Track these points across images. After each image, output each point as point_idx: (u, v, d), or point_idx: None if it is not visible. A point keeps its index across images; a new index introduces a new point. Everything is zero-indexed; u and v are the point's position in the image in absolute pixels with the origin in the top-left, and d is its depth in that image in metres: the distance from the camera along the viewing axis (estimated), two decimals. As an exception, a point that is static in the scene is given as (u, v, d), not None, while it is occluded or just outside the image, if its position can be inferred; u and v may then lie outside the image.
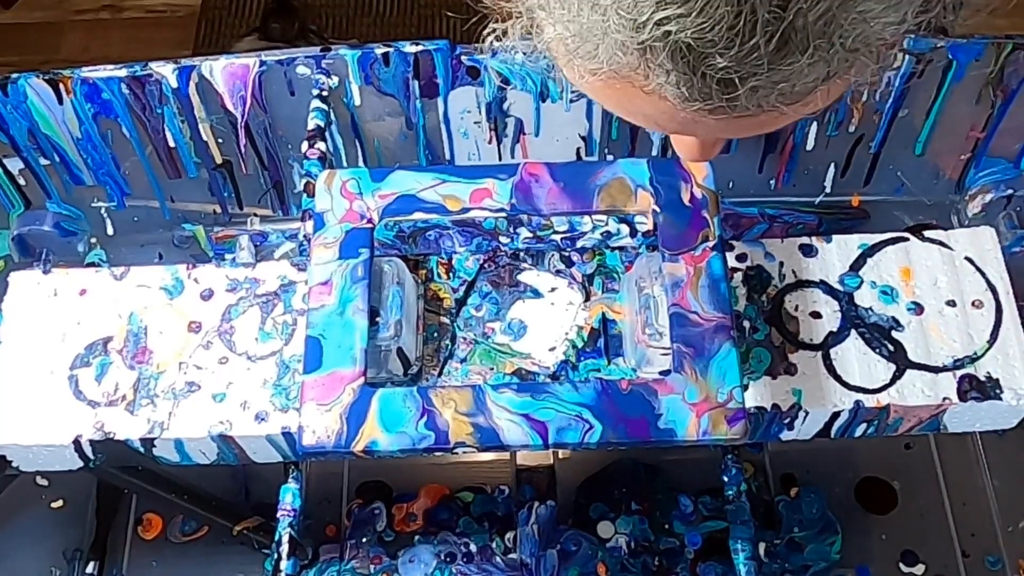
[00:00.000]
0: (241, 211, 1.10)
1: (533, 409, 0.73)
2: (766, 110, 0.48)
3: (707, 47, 0.44)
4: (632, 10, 0.44)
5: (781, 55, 0.45)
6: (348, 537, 1.13)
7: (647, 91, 0.48)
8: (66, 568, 1.12)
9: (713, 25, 0.43)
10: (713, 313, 0.75)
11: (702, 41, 0.44)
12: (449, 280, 0.91)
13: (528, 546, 1.09)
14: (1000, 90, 0.97)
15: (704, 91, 0.47)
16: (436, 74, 0.97)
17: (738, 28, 0.43)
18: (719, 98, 0.47)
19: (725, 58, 0.45)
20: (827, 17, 0.44)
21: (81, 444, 0.81)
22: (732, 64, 0.45)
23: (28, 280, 0.89)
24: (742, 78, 0.45)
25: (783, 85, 0.46)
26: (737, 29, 0.44)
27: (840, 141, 1.04)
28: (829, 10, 0.44)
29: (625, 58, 0.47)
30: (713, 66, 0.45)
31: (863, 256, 0.86)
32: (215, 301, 0.86)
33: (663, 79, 0.47)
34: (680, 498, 1.13)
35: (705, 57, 0.45)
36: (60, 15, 2.10)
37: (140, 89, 0.96)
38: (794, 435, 0.83)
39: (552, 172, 0.82)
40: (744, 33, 0.44)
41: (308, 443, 0.73)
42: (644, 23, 0.44)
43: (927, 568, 1.10)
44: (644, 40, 0.45)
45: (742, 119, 0.49)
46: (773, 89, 0.47)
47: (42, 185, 1.04)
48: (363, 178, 0.82)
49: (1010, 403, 0.80)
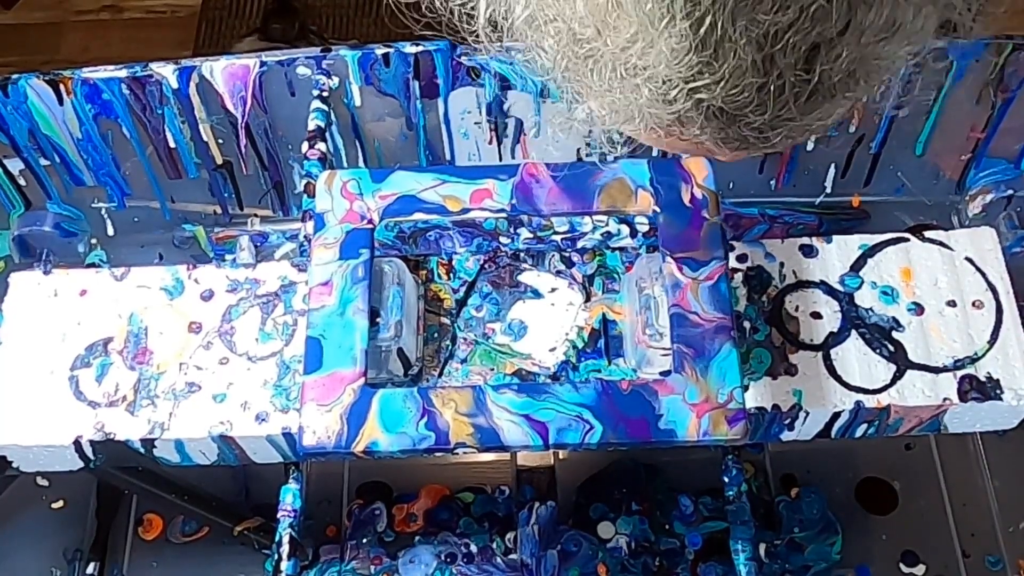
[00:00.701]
0: (241, 212, 1.10)
1: (533, 409, 0.73)
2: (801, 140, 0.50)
3: (739, 109, 0.46)
4: (663, 85, 0.46)
5: (811, 106, 0.46)
6: (348, 537, 1.13)
7: (684, 139, 0.50)
8: (66, 568, 1.12)
9: (743, 91, 0.45)
10: (713, 313, 0.75)
11: (734, 105, 0.45)
12: (449, 280, 0.91)
13: (528, 546, 1.09)
14: (1000, 90, 0.97)
15: (740, 139, 0.48)
16: (436, 74, 0.97)
17: (767, 91, 0.45)
18: (754, 144, 0.48)
19: (757, 115, 0.46)
20: (851, 68, 0.45)
21: (81, 444, 0.81)
22: (765, 119, 0.46)
23: (28, 280, 0.89)
24: (774, 127, 0.47)
25: (815, 125, 0.48)
26: (766, 92, 0.45)
27: (840, 141, 1.04)
28: (852, 63, 0.45)
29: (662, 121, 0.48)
30: (747, 123, 0.46)
31: (863, 256, 0.86)
32: (215, 302, 0.86)
33: (699, 133, 0.48)
34: (680, 498, 1.13)
35: (738, 116, 0.46)
36: (60, 15, 2.10)
37: (140, 90, 0.96)
38: (794, 435, 0.83)
39: (552, 172, 0.82)
40: (773, 95, 0.45)
41: (308, 444, 0.73)
42: (676, 96, 0.46)
43: (927, 568, 1.10)
44: (677, 110, 0.46)
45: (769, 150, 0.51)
46: (805, 130, 0.48)
47: (42, 185, 1.04)
48: (363, 178, 0.82)
49: (1010, 403, 0.80)
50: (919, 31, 0.46)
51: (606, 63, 0.47)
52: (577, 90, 0.51)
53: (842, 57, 0.44)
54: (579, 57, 0.48)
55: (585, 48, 0.47)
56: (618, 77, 0.47)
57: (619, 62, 0.46)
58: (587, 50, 0.47)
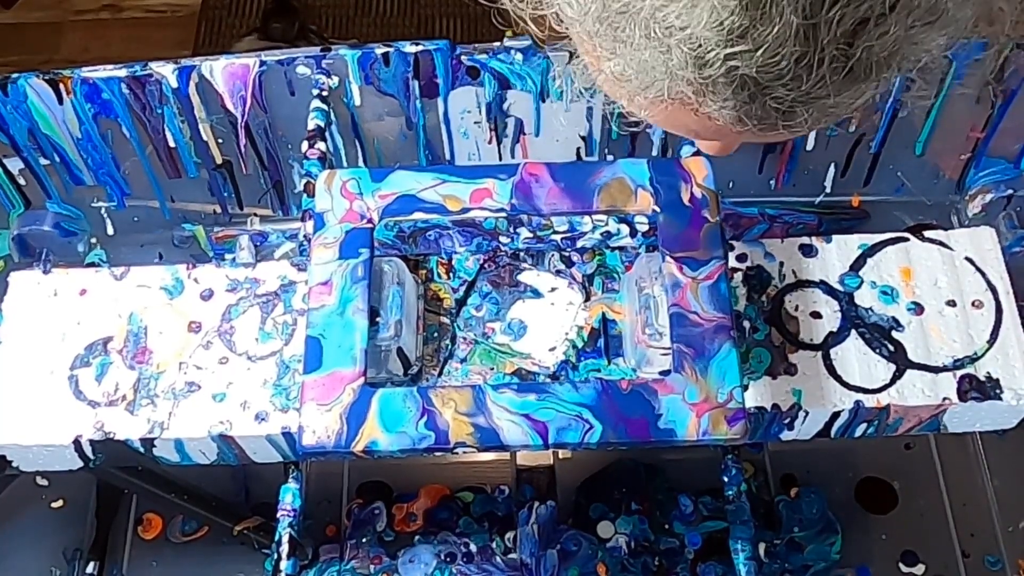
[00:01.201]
0: (241, 211, 1.10)
1: (533, 409, 0.73)
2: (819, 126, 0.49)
3: (771, 80, 0.44)
4: (698, 48, 0.44)
5: (844, 85, 0.45)
6: (348, 537, 1.13)
7: (698, 114, 0.48)
8: (66, 568, 1.12)
9: (780, 60, 0.43)
10: (713, 313, 0.75)
11: (768, 75, 0.44)
12: (449, 280, 0.91)
13: (528, 546, 1.09)
14: (1000, 90, 0.97)
15: (762, 116, 0.47)
16: (436, 74, 0.97)
17: (805, 63, 0.44)
18: (774, 122, 0.47)
19: (789, 89, 0.45)
20: (891, 49, 0.44)
21: (81, 444, 0.81)
22: (795, 94, 0.45)
23: (28, 280, 0.89)
24: (804, 105, 0.46)
25: (842, 107, 0.47)
26: (804, 64, 0.44)
27: (840, 141, 1.04)
28: (894, 43, 0.44)
29: (684, 89, 0.47)
30: (775, 96, 0.45)
31: (863, 256, 0.86)
32: (215, 301, 0.86)
33: (718, 106, 0.47)
34: (680, 498, 1.13)
35: (767, 89, 0.45)
36: (60, 15, 2.10)
37: (140, 89, 0.96)
38: (794, 435, 0.83)
39: (552, 172, 0.82)
40: (812, 68, 0.44)
41: (308, 443, 0.73)
42: (710, 60, 0.44)
43: (927, 568, 1.10)
44: (709, 75, 0.45)
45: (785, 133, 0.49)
46: (831, 112, 0.47)
47: (42, 185, 1.04)
48: (363, 178, 0.82)
49: (1010, 403, 0.80)
50: (958, 21, 0.45)
51: (641, 19, 0.45)
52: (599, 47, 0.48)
53: (887, 35, 0.43)
54: (612, 10, 0.46)
55: (620, 1, 0.45)
56: (650, 36, 0.45)
57: (654, 20, 0.44)
58: (622, 4, 0.45)
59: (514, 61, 0.95)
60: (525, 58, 0.95)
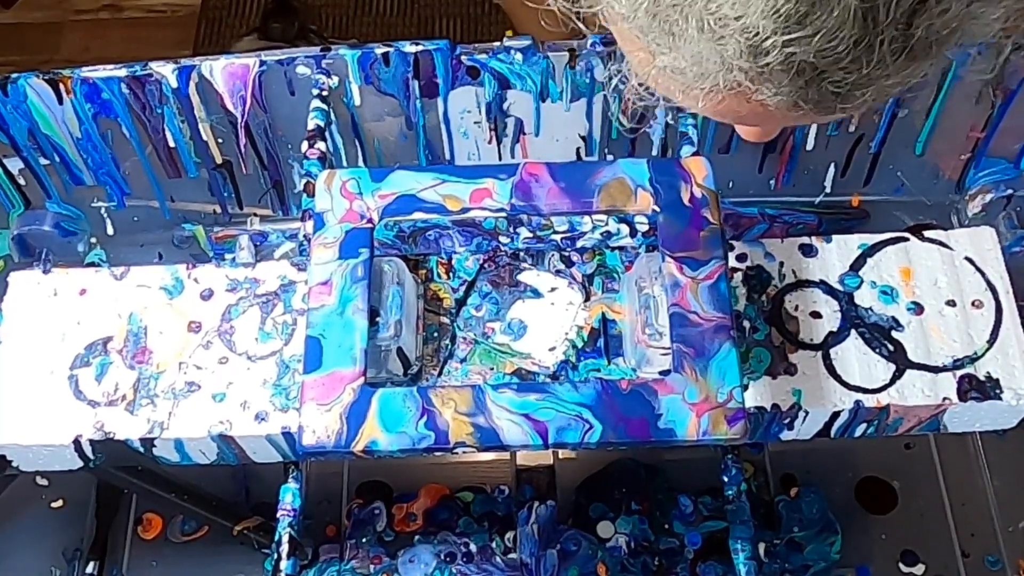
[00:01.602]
0: (241, 211, 1.10)
1: (533, 409, 0.73)
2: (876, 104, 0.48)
3: (830, 65, 0.44)
4: (754, 37, 0.43)
5: (903, 64, 0.44)
6: (348, 537, 1.13)
7: (751, 101, 0.48)
8: (66, 568, 1.12)
9: (839, 45, 0.43)
10: (713, 313, 0.75)
11: (826, 60, 0.44)
12: (449, 280, 0.91)
13: (528, 546, 1.09)
14: (1000, 90, 0.97)
15: (818, 100, 0.46)
16: (436, 74, 0.97)
17: (864, 45, 0.43)
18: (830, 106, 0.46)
19: (848, 72, 0.44)
20: (952, 26, 0.44)
21: (81, 444, 0.81)
22: (854, 77, 0.44)
23: (28, 280, 0.89)
24: (861, 86, 0.45)
25: (897, 87, 0.46)
26: (863, 47, 0.43)
27: (840, 141, 1.04)
28: (955, 19, 0.43)
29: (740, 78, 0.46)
30: (833, 80, 0.45)
31: (863, 256, 0.86)
32: (215, 301, 0.86)
33: (774, 92, 0.46)
34: (680, 498, 1.12)
35: (825, 73, 0.44)
36: (60, 15, 2.10)
37: (140, 89, 0.96)
38: (794, 435, 0.83)
39: (552, 172, 0.82)
40: (871, 50, 0.43)
41: (308, 443, 0.73)
42: (767, 49, 0.44)
43: (927, 568, 1.10)
44: (766, 64, 0.44)
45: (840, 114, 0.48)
46: (888, 91, 0.46)
47: (42, 185, 1.04)
48: (363, 178, 0.82)
49: (1010, 403, 0.80)
50: None
51: (695, 11, 0.44)
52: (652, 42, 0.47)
53: (948, 13, 0.43)
54: (664, 5, 0.45)
55: None
56: (704, 28, 0.44)
57: (708, 11, 0.44)
58: None
59: (514, 61, 0.95)
60: (525, 58, 0.95)
